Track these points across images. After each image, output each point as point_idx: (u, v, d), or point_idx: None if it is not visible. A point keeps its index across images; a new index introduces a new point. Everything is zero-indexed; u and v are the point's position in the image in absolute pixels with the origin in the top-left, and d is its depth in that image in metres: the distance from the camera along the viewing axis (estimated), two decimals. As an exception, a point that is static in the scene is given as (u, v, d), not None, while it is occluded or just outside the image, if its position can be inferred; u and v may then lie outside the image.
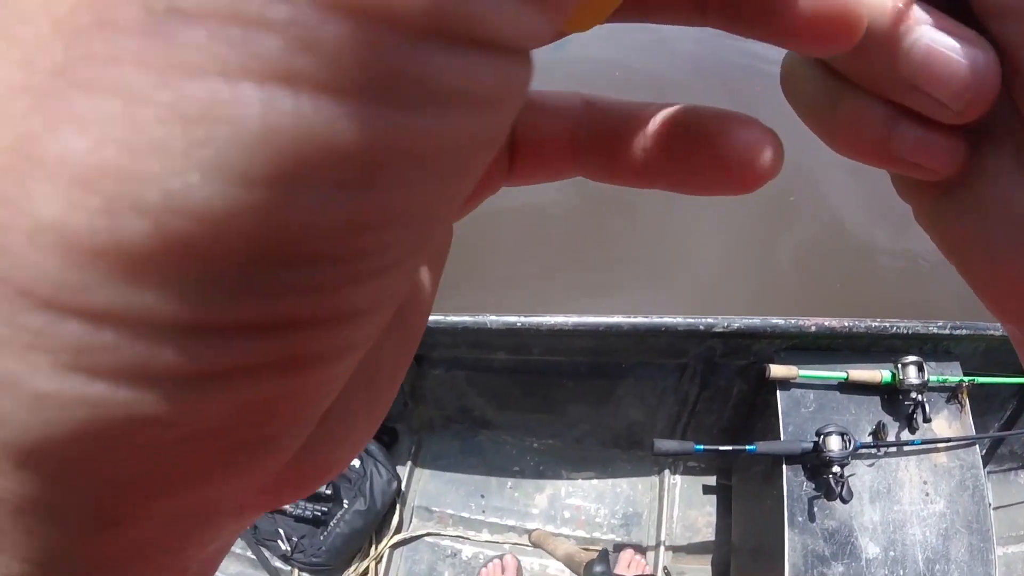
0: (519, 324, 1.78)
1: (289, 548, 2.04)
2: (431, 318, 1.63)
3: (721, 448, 1.73)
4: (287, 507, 2.02)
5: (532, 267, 3.04)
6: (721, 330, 1.77)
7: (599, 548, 1.99)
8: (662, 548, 2.10)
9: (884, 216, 2.95)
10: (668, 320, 1.76)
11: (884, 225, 2.97)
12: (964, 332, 1.73)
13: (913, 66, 0.17)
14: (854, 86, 0.19)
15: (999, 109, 0.18)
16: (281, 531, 2.05)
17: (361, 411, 0.17)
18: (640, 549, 2.11)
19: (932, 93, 0.17)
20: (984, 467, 1.73)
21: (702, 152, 0.19)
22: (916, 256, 2.93)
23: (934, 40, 0.17)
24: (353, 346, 0.12)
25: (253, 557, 2.10)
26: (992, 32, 0.18)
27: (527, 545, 2.13)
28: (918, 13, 0.17)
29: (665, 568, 2.08)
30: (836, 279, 2.91)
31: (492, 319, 1.79)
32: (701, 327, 1.77)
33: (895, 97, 0.18)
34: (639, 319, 1.77)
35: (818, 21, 0.16)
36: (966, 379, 1.68)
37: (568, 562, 2.02)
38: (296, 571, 2.09)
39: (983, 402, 1.84)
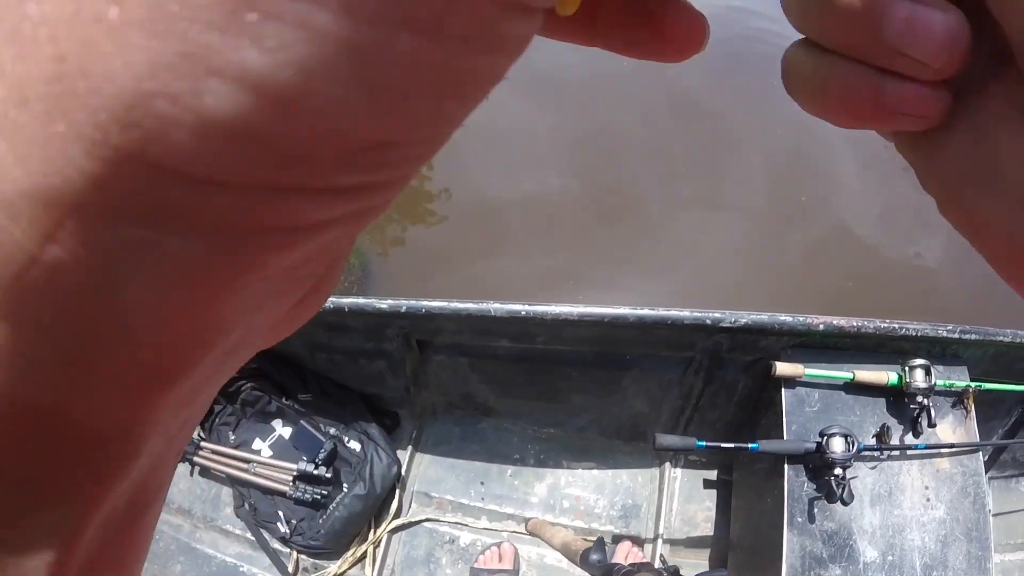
0: (523, 312, 1.77)
1: (288, 530, 2.05)
2: (435, 304, 1.61)
3: (723, 445, 1.72)
4: (286, 489, 2.03)
5: (539, 257, 3.03)
6: (728, 325, 1.75)
7: (595, 538, 2.00)
8: (660, 541, 2.10)
9: (894, 218, 2.92)
10: (675, 313, 1.75)
11: (894, 227, 2.95)
12: (973, 336, 1.71)
13: (896, 33, 0.20)
14: (843, 57, 0.21)
15: (983, 69, 0.21)
16: (280, 513, 2.06)
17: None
18: (638, 541, 2.11)
19: (914, 55, 0.20)
20: (986, 473, 1.71)
21: (647, 25, 0.22)
22: (925, 259, 2.90)
23: (912, 9, 0.19)
24: (389, 204, 0.16)
25: (252, 539, 2.11)
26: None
27: (525, 533, 2.13)
28: None
29: (662, 555, 2.08)
30: (845, 279, 2.89)
31: (496, 307, 1.78)
32: (708, 321, 1.75)
33: (882, 63, 0.20)
34: (645, 311, 1.75)
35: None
36: (973, 384, 1.66)
37: (565, 551, 2.03)
38: (295, 553, 2.10)
39: (989, 408, 1.82)
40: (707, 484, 2.18)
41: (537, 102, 3.87)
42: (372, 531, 2.13)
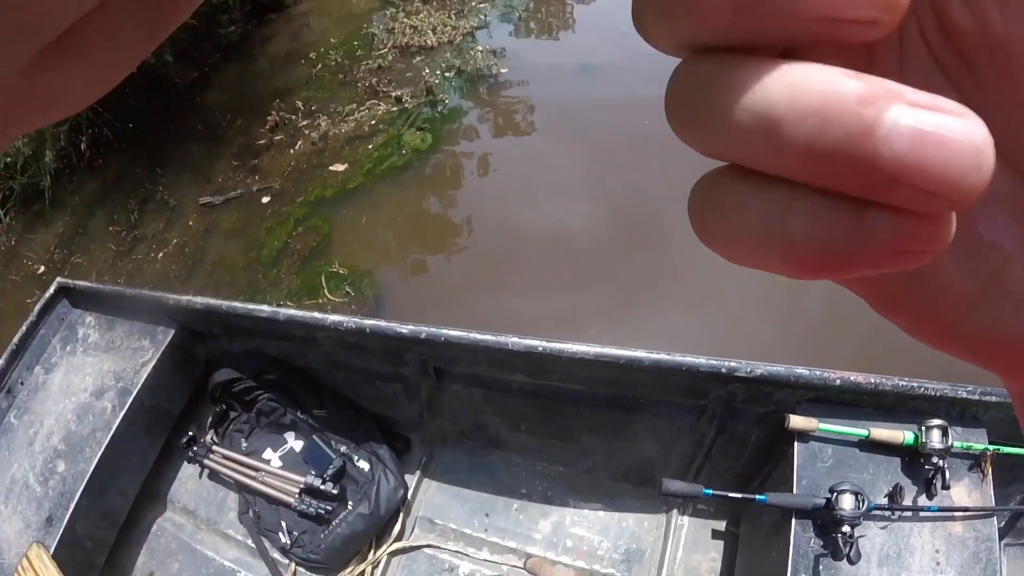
0: (540, 348, 1.78)
1: (289, 541, 2.05)
2: (454, 332, 1.63)
3: (731, 495, 1.70)
4: (292, 501, 2.03)
5: (556, 290, 3.04)
6: (744, 375, 1.74)
7: None
8: (661, 589, 2.06)
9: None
10: (690, 360, 1.74)
11: None
12: (993, 399, 1.68)
13: (898, 155, 0.13)
14: (804, 190, 0.15)
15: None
16: (284, 524, 2.07)
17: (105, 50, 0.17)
18: (639, 587, 2.08)
19: (922, 186, 0.14)
20: (1001, 539, 1.67)
21: None
22: None
23: (920, 118, 0.13)
24: None
25: (253, 546, 2.11)
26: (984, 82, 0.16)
27: (524, 569, 2.11)
28: (888, 87, 0.14)
29: None
30: (864, 329, 2.85)
31: (514, 341, 1.79)
32: (723, 370, 1.74)
33: (866, 195, 0.14)
34: (661, 355, 1.75)
35: None
36: (991, 447, 1.63)
37: (564, 591, 2.00)
38: (293, 565, 2.10)
39: (1007, 472, 1.78)
40: (714, 535, 2.14)
41: (564, 143, 3.93)
42: (372, 551, 2.12)
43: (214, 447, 2.21)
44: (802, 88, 0.14)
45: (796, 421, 1.70)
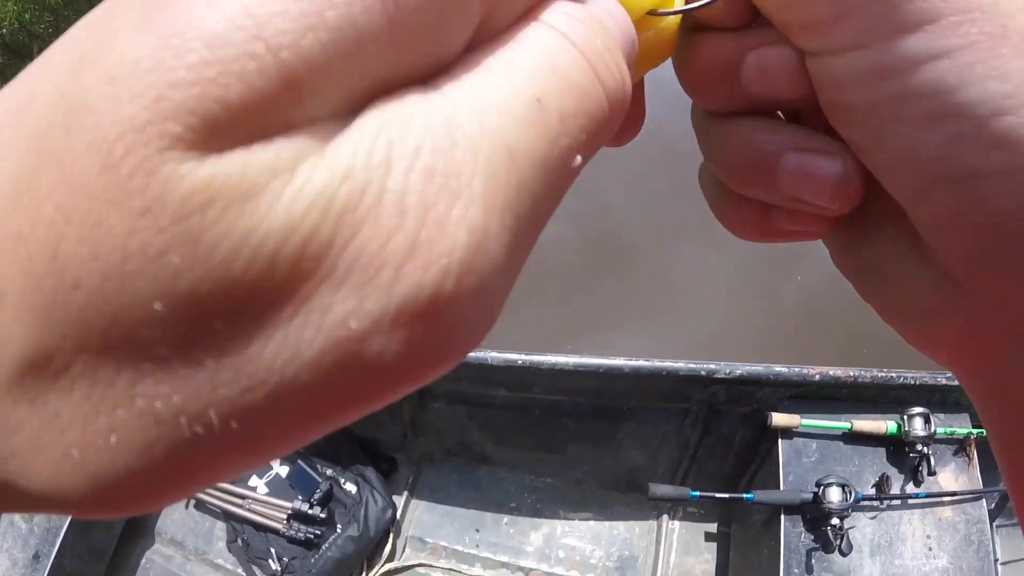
0: (520, 362, 1.78)
1: (280, 568, 2.02)
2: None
3: (718, 495, 1.71)
4: (280, 527, 2.01)
5: (532, 308, 3.05)
6: (723, 376, 1.76)
7: None
8: (656, 594, 2.06)
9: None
10: (669, 364, 1.75)
11: None
12: None
13: (788, 185, 0.22)
14: (736, 194, 0.24)
15: (879, 195, 0.22)
16: (273, 551, 2.03)
17: None
18: (634, 594, 2.07)
19: (811, 200, 0.21)
20: (993, 520, 1.69)
21: None
22: None
23: (801, 160, 0.21)
24: None
25: (243, 574, 2.08)
26: (846, 136, 0.21)
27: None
28: (782, 137, 0.22)
29: None
30: (841, 325, 2.89)
31: (493, 355, 1.79)
32: (703, 372, 1.76)
33: (785, 205, 0.23)
34: (640, 362, 1.76)
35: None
36: (975, 431, 1.66)
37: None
38: (284, 593, 2.07)
39: (992, 454, 1.80)
40: (706, 536, 2.14)
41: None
42: (364, 574, 2.10)
43: (198, 477, 2.17)
44: (744, 138, 0.23)
45: (779, 419, 1.71)
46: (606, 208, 3.48)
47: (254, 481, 2.13)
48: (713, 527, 2.15)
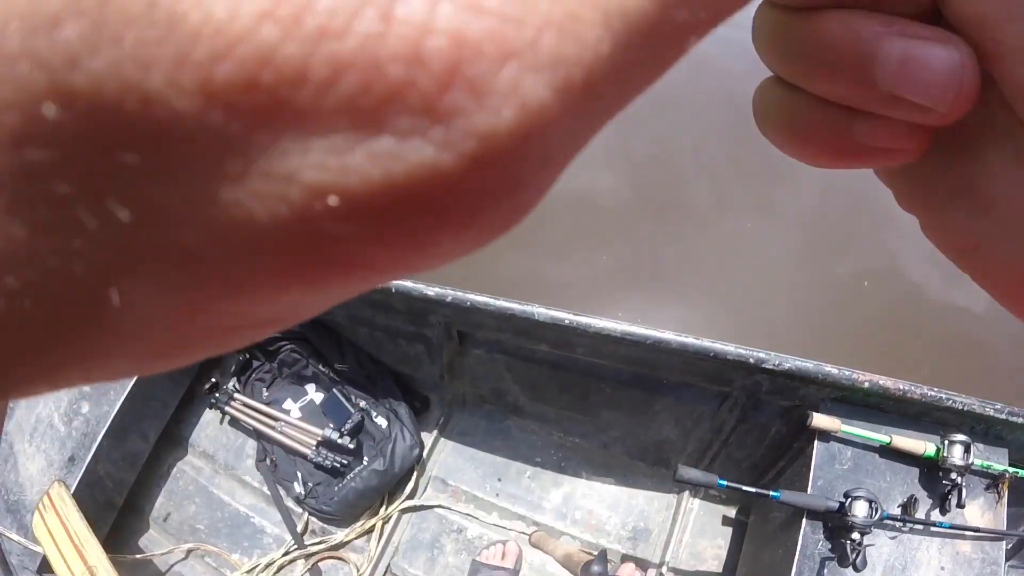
0: (567, 321, 1.76)
1: (303, 492, 2.10)
2: (479, 298, 1.62)
3: (745, 488, 1.69)
4: (308, 452, 2.07)
5: (582, 252, 3.01)
6: (771, 367, 1.71)
7: (598, 551, 1.99)
8: (664, 569, 2.08)
9: (955, 275, 2.82)
10: (718, 346, 1.71)
11: (941, 267, 2.84)
12: (1021, 420, 1.64)
13: (890, 76, 0.17)
14: (813, 97, 0.19)
15: (994, 108, 0.18)
16: (299, 474, 2.11)
17: None
18: (642, 565, 2.09)
19: (914, 99, 0.17)
20: (1007, 561, 1.64)
21: None
22: (971, 304, 2.80)
23: (908, 47, 0.17)
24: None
25: (268, 493, 2.16)
26: (973, 42, 0.18)
27: (529, 541, 2.14)
28: (884, 22, 0.18)
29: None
30: (886, 312, 2.80)
31: (540, 311, 1.77)
32: (751, 360, 1.71)
33: (875, 109, 0.18)
34: (689, 339, 1.73)
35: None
36: (1011, 470, 1.59)
37: (566, 562, 2.03)
38: (306, 514, 2.15)
39: (1021, 496, 1.75)
40: (724, 521, 2.14)
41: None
42: (384, 507, 2.16)
43: (235, 395, 2.24)
44: (829, 30, 0.18)
45: (819, 420, 1.67)
46: (669, 160, 3.39)
47: (288, 404, 2.19)
48: (732, 512, 2.14)
